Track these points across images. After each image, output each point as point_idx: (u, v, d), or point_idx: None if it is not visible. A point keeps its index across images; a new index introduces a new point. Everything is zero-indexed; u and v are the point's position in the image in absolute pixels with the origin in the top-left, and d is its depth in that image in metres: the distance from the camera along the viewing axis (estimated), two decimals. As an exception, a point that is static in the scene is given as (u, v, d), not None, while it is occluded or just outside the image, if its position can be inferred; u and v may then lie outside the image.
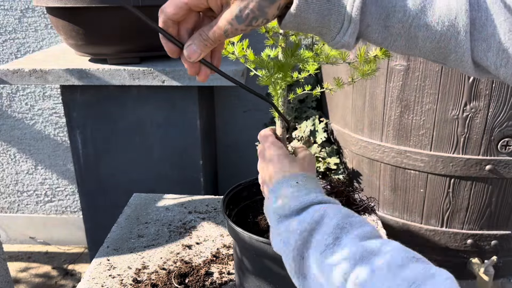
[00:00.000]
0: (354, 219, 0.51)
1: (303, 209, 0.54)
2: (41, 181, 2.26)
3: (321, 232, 0.51)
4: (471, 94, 1.17)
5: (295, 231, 0.52)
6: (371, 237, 0.49)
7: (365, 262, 0.45)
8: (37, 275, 2.13)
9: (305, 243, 0.51)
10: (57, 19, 1.47)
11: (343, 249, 0.48)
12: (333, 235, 0.49)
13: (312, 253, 0.50)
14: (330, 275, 0.47)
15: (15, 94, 2.09)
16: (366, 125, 1.36)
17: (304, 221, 0.52)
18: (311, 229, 0.51)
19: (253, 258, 0.74)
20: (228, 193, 0.83)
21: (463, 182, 1.27)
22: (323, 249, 0.49)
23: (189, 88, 1.55)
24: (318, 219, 0.52)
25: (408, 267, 0.43)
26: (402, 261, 0.44)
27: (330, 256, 0.48)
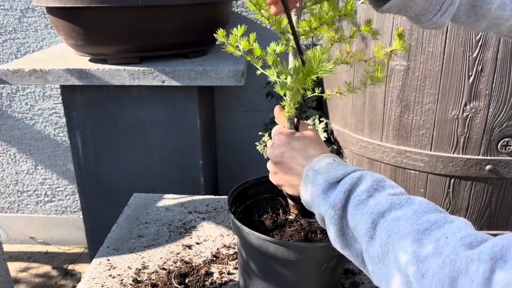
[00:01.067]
0: (387, 183, 0.57)
1: (346, 176, 0.59)
2: (41, 181, 2.26)
3: (356, 191, 0.56)
4: (471, 94, 1.17)
5: (339, 193, 0.57)
6: (400, 194, 0.54)
7: (393, 211, 0.51)
8: (37, 275, 2.13)
9: (345, 204, 0.56)
10: (57, 19, 1.47)
11: (374, 202, 0.53)
12: (367, 193, 0.55)
13: (349, 210, 0.55)
14: (361, 224, 0.52)
15: (15, 94, 2.09)
16: (366, 125, 1.36)
17: (345, 183, 0.57)
18: (349, 190, 0.56)
19: (257, 257, 0.74)
20: (234, 190, 0.83)
21: (463, 182, 1.27)
22: (357, 203, 0.54)
23: (189, 88, 1.55)
24: (356, 181, 0.57)
25: (430, 214, 0.48)
26: (426, 210, 0.49)
27: (362, 208, 0.53)
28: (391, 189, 0.55)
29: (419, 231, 0.46)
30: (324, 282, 0.76)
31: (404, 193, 0.55)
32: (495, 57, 1.12)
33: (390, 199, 0.52)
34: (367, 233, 0.51)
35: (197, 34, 1.52)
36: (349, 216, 0.55)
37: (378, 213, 0.51)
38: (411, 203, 0.51)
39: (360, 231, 0.53)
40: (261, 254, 0.72)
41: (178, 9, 1.45)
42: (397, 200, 0.52)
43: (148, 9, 1.40)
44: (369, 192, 0.55)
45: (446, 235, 0.43)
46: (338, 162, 0.63)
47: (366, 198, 0.54)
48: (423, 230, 0.46)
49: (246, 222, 0.74)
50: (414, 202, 0.51)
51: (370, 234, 0.51)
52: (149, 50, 1.52)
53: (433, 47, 1.16)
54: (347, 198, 0.56)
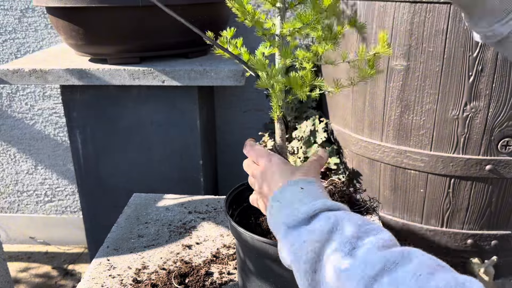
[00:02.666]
0: (370, 227, 0.48)
1: (313, 217, 0.51)
2: (41, 181, 2.26)
3: (336, 242, 0.47)
4: (471, 94, 1.17)
5: (306, 243, 0.48)
6: (390, 246, 0.46)
7: (387, 274, 0.42)
8: (37, 275, 2.13)
9: (318, 255, 0.47)
10: (57, 19, 1.47)
11: (361, 260, 0.44)
12: (349, 245, 0.46)
13: (327, 265, 0.46)
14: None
15: (15, 94, 2.09)
16: (366, 125, 1.36)
17: (315, 230, 0.49)
18: (324, 240, 0.48)
19: (256, 259, 0.74)
20: (231, 193, 0.83)
21: (463, 182, 1.27)
22: (338, 260, 0.45)
23: (189, 88, 1.55)
24: (330, 228, 0.48)
25: (435, 277, 0.40)
26: (428, 269, 0.41)
27: (348, 268, 0.44)
28: (376, 235, 0.47)
29: None
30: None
31: (391, 238, 0.47)
32: (495, 57, 1.12)
33: (382, 256, 0.43)
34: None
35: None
36: (327, 272, 0.46)
37: (370, 276, 0.42)
38: (407, 260, 0.43)
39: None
40: (259, 255, 0.72)
41: (178, 9, 1.45)
42: (390, 256, 0.43)
43: (148, 9, 1.40)
44: (351, 243, 0.46)
45: None
46: (305, 192, 0.54)
47: (349, 252, 0.45)
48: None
49: (243, 224, 0.74)
50: (411, 259, 0.43)
51: None
52: (149, 50, 1.51)
53: (433, 47, 1.16)
54: (320, 249, 0.47)
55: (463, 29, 1.12)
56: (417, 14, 1.16)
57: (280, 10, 0.65)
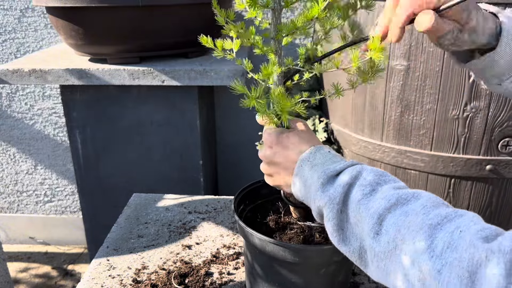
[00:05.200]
0: (389, 177, 0.56)
1: (345, 169, 0.58)
2: (40, 181, 2.26)
3: (358, 184, 0.55)
4: (472, 94, 1.16)
5: (338, 187, 0.56)
6: (404, 188, 0.53)
7: (400, 206, 0.49)
8: (37, 275, 2.13)
9: (345, 196, 0.55)
10: (57, 18, 1.47)
11: (379, 196, 0.52)
12: (370, 187, 0.54)
13: (350, 204, 0.54)
14: (366, 219, 0.51)
15: (15, 94, 2.09)
16: (366, 125, 1.36)
17: (345, 177, 0.56)
18: (350, 183, 0.55)
19: (262, 259, 0.74)
20: (243, 190, 0.83)
21: (463, 182, 1.27)
22: (359, 197, 0.53)
23: (189, 88, 1.55)
24: (356, 174, 0.56)
25: (439, 208, 0.48)
26: (434, 204, 0.48)
27: (367, 203, 0.52)
28: (394, 182, 0.54)
29: (431, 226, 0.45)
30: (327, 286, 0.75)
31: (406, 186, 0.54)
32: (496, 57, 1.12)
33: (396, 194, 0.51)
34: (372, 228, 0.50)
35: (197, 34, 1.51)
36: (350, 210, 0.54)
37: (385, 208, 0.50)
38: (417, 197, 0.50)
39: (364, 226, 0.51)
40: (263, 254, 0.71)
41: (178, 9, 1.45)
42: (403, 194, 0.51)
43: (148, 9, 1.40)
44: (371, 185, 0.54)
45: (459, 229, 0.43)
46: (333, 154, 0.62)
47: (369, 192, 0.53)
48: (435, 224, 0.45)
49: (253, 222, 0.73)
50: (421, 196, 0.50)
51: (376, 230, 0.50)
52: (149, 50, 1.51)
53: (433, 47, 1.16)
54: (347, 191, 0.55)
55: (464, 29, 1.12)
56: (417, 14, 1.16)
57: (274, 11, 0.63)
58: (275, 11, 0.63)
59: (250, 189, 0.85)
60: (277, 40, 0.64)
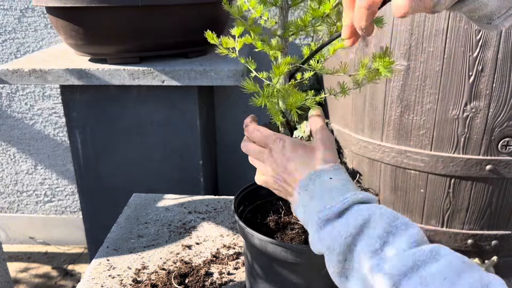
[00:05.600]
0: (400, 221, 0.50)
1: (345, 210, 0.52)
2: (40, 181, 2.26)
3: (367, 236, 0.49)
4: (472, 94, 1.16)
5: (339, 236, 0.50)
6: (420, 242, 0.48)
7: (416, 271, 0.44)
8: (37, 275, 2.13)
9: (350, 246, 0.50)
10: (57, 18, 1.47)
11: (392, 256, 0.46)
12: (380, 240, 0.48)
13: (358, 258, 0.49)
14: (378, 282, 0.46)
15: (15, 94, 2.09)
16: (366, 125, 1.36)
17: (349, 224, 0.50)
18: (356, 233, 0.50)
19: (262, 259, 0.74)
20: (242, 191, 0.82)
21: (463, 182, 1.27)
22: (370, 255, 0.47)
23: (189, 88, 1.55)
24: (363, 223, 0.50)
25: (462, 277, 0.42)
26: (456, 270, 0.43)
27: (378, 262, 0.47)
28: (406, 230, 0.49)
29: None
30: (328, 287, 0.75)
31: (420, 232, 0.49)
32: (496, 57, 1.12)
33: (412, 254, 0.45)
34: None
35: (197, 34, 1.51)
36: (357, 265, 0.49)
37: (400, 273, 0.44)
38: (436, 258, 0.45)
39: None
40: (263, 255, 0.71)
41: (178, 9, 1.45)
42: (419, 254, 0.45)
43: (148, 9, 1.40)
44: (382, 238, 0.48)
45: None
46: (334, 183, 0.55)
47: (380, 247, 0.47)
48: None
49: (254, 223, 0.73)
50: (440, 257, 0.45)
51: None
52: (149, 50, 1.51)
53: (433, 47, 1.16)
54: (352, 242, 0.50)
55: (463, 29, 1.12)
56: (417, 13, 1.16)
57: (282, 9, 0.64)
58: (283, 10, 0.63)
59: (250, 190, 0.85)
60: (284, 38, 0.65)
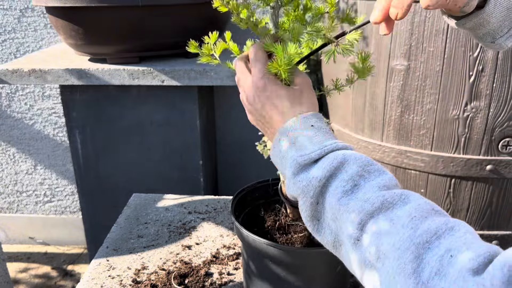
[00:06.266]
0: (373, 167, 0.50)
1: (323, 157, 0.52)
2: (40, 181, 2.25)
3: (339, 178, 0.49)
4: (472, 94, 1.16)
5: (314, 179, 0.51)
6: (390, 187, 0.48)
7: (384, 212, 0.45)
8: (37, 275, 2.13)
9: (323, 188, 0.50)
10: (57, 18, 1.47)
11: (361, 197, 0.47)
12: (351, 182, 0.49)
13: (329, 198, 0.49)
14: (346, 222, 0.47)
15: (15, 94, 2.09)
16: (366, 125, 1.36)
17: (323, 168, 0.51)
18: (330, 176, 0.50)
19: (260, 261, 0.74)
20: (235, 197, 0.82)
21: (463, 182, 1.26)
22: (340, 195, 0.48)
23: (189, 88, 1.55)
24: (337, 165, 0.50)
25: (428, 219, 0.43)
26: (423, 213, 0.44)
27: (347, 202, 0.47)
28: (379, 176, 0.49)
29: (419, 245, 0.41)
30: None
31: (392, 179, 0.50)
32: (496, 57, 1.12)
33: (381, 196, 0.46)
34: (352, 234, 0.46)
35: (197, 34, 1.51)
36: (328, 205, 0.49)
37: (367, 212, 0.45)
38: (405, 201, 0.45)
39: (344, 229, 0.47)
40: (260, 256, 0.71)
41: (178, 9, 1.45)
42: (389, 196, 0.46)
43: (148, 9, 1.40)
44: (353, 180, 0.49)
45: (450, 253, 0.39)
46: (315, 131, 0.55)
47: (351, 188, 0.48)
48: (423, 243, 0.41)
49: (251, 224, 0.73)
50: (409, 200, 0.45)
51: (356, 236, 0.46)
52: (148, 50, 1.51)
53: (433, 47, 1.16)
54: (324, 185, 0.50)
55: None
56: (418, 13, 1.16)
57: (274, 9, 0.64)
58: (275, 9, 0.63)
59: (248, 191, 0.84)
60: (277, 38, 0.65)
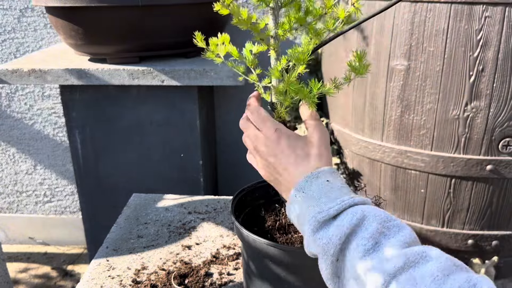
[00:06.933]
0: (392, 223, 0.50)
1: (341, 212, 0.53)
2: (40, 181, 2.25)
3: (360, 236, 0.49)
4: (472, 94, 1.16)
5: (334, 236, 0.51)
6: (411, 243, 0.49)
7: (406, 271, 0.45)
8: (37, 275, 2.12)
9: (343, 247, 0.50)
10: (56, 18, 1.47)
11: (383, 256, 0.47)
12: (372, 240, 0.49)
13: (350, 257, 0.49)
14: (369, 282, 0.47)
15: (14, 94, 2.09)
16: (366, 125, 1.36)
17: (343, 225, 0.51)
18: (350, 233, 0.50)
19: (259, 261, 0.74)
20: (235, 197, 0.82)
21: (464, 182, 1.26)
22: (361, 254, 0.48)
23: (189, 88, 1.55)
24: (357, 223, 0.50)
25: (450, 278, 0.43)
26: (445, 270, 0.44)
27: (370, 261, 0.47)
28: (399, 232, 0.49)
29: None
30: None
31: (411, 234, 0.50)
32: (496, 57, 1.12)
33: (403, 255, 0.46)
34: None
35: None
36: (349, 264, 0.49)
37: (390, 273, 0.45)
38: (426, 259, 0.46)
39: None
40: (260, 256, 0.71)
41: (178, 9, 1.45)
42: (410, 255, 0.46)
43: (148, 9, 1.40)
44: (374, 238, 0.49)
45: None
46: (331, 186, 0.55)
47: (372, 246, 0.48)
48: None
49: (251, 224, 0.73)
50: (430, 259, 0.46)
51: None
52: (148, 50, 1.51)
53: (433, 46, 1.16)
54: (345, 242, 0.50)
55: (464, 29, 1.12)
56: (418, 13, 1.16)
57: (274, 10, 0.64)
58: (275, 10, 0.64)
59: (248, 191, 0.84)
60: (277, 37, 0.65)
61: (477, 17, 1.10)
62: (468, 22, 1.11)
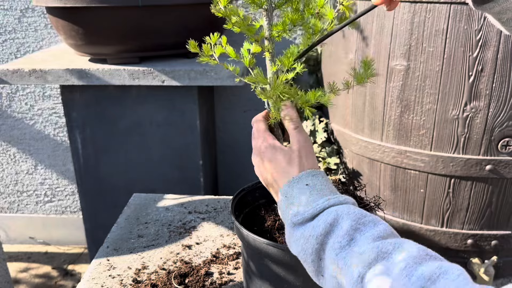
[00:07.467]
0: (367, 219, 0.53)
1: (318, 214, 0.56)
2: (41, 181, 2.26)
3: (335, 234, 0.52)
4: (471, 94, 1.17)
5: (311, 237, 0.54)
6: (385, 236, 0.51)
7: (379, 262, 0.47)
8: (37, 275, 2.13)
9: (321, 245, 0.53)
10: (57, 19, 1.47)
11: (357, 250, 0.50)
12: (347, 236, 0.51)
13: (328, 254, 0.52)
14: (346, 275, 0.49)
15: (15, 94, 2.09)
16: (366, 125, 1.36)
17: (319, 226, 0.54)
18: (326, 233, 0.53)
19: (259, 260, 0.74)
20: (237, 195, 0.82)
21: (463, 182, 1.27)
22: (338, 251, 0.51)
23: (189, 88, 1.55)
24: (332, 222, 0.53)
25: (422, 265, 0.45)
26: (417, 259, 0.46)
27: (345, 257, 0.50)
28: (374, 227, 0.52)
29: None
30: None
31: (387, 229, 0.52)
32: (495, 57, 1.12)
33: (376, 247, 0.48)
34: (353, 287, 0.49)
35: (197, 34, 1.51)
36: (328, 262, 0.52)
37: (364, 265, 0.48)
38: (399, 250, 0.48)
39: (345, 283, 0.50)
40: (260, 256, 0.71)
41: (177, 9, 1.45)
42: (383, 247, 0.48)
43: (148, 9, 1.40)
44: (349, 235, 0.51)
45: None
46: (310, 188, 0.58)
47: (347, 243, 0.51)
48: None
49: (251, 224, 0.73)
50: (403, 249, 0.48)
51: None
52: (148, 50, 1.51)
53: (433, 47, 1.16)
54: (322, 241, 0.53)
55: (463, 29, 1.12)
56: (417, 14, 1.16)
57: (267, 11, 0.64)
58: (268, 12, 0.64)
59: (248, 190, 0.85)
60: (271, 38, 0.65)
61: (476, 17, 1.10)
62: (468, 23, 1.11)
